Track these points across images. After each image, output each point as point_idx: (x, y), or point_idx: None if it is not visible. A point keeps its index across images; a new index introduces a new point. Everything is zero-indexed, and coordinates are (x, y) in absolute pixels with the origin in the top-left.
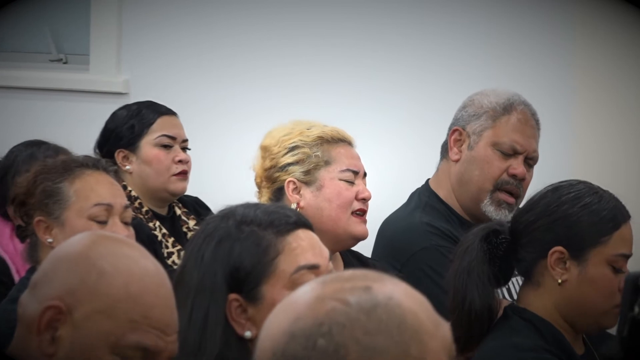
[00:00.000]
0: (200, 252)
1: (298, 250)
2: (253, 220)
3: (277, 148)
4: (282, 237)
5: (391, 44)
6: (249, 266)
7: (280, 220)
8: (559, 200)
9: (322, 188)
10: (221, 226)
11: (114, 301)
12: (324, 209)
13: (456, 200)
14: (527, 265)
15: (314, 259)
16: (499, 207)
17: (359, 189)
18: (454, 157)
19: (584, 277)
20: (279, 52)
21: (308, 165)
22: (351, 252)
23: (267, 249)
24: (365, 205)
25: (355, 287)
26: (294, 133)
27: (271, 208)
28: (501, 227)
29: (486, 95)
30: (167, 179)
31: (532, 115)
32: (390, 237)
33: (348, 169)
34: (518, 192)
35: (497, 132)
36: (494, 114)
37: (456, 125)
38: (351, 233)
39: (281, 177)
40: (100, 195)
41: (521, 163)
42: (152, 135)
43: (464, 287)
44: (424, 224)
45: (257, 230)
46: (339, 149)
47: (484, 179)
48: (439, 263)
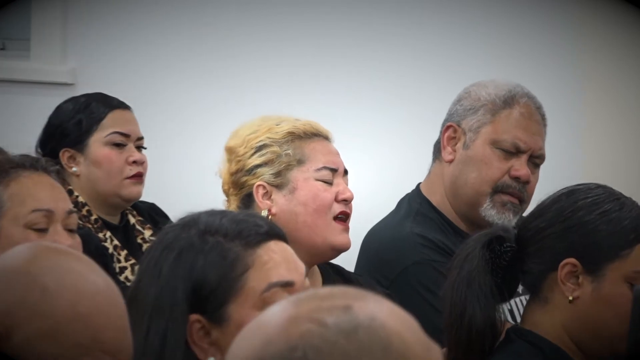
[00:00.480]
0: (157, 266)
1: (270, 264)
2: (218, 229)
3: (243, 149)
4: (252, 250)
5: (390, 44)
6: (214, 282)
7: (250, 230)
8: (575, 206)
9: (295, 190)
10: (182, 236)
11: (59, 322)
12: (299, 215)
13: (451, 207)
14: (535, 279)
15: (288, 275)
16: (502, 209)
17: (339, 189)
18: (448, 158)
19: (599, 295)
20: (257, 39)
21: (278, 166)
22: (331, 265)
23: (235, 263)
24: (347, 207)
25: (333, 306)
26: (261, 130)
27: (239, 216)
28: (506, 234)
29: (484, 86)
30: (119, 183)
31: (537, 108)
32: (376, 250)
33: (325, 167)
34: (521, 196)
35: (497, 128)
36: (493, 107)
37: (450, 121)
38: (331, 243)
39: (249, 182)
40: (39, 199)
41: (525, 163)
42: (103, 133)
43: (463, 299)
44: (415, 235)
45: (223, 242)
46: (313, 145)
47: (481, 182)
48: (431, 280)
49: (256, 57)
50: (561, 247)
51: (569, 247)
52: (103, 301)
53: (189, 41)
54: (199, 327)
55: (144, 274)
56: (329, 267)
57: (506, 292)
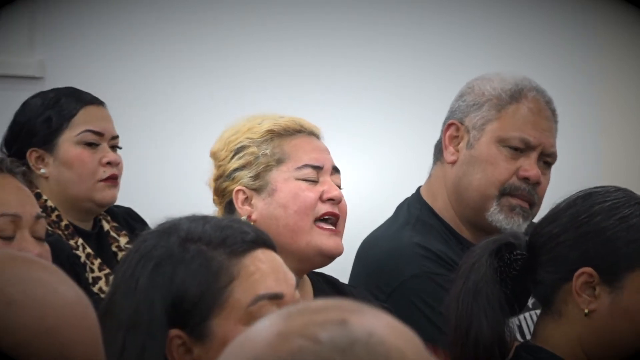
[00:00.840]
0: (134, 276)
1: (257, 275)
2: (201, 237)
3: (224, 152)
4: (237, 259)
5: (391, 43)
6: (195, 295)
7: (235, 237)
8: (591, 210)
9: (274, 192)
10: (161, 244)
11: (25, 337)
12: (279, 218)
13: (454, 213)
14: (547, 290)
15: (276, 287)
16: (511, 213)
17: (324, 187)
18: (450, 159)
19: (617, 308)
20: (249, 33)
21: (256, 168)
22: (324, 276)
23: (218, 274)
24: (336, 208)
25: (327, 320)
26: (241, 131)
27: (224, 222)
28: (516, 241)
29: (489, 80)
30: (92, 186)
31: (547, 103)
32: (372, 261)
33: (307, 165)
34: (532, 199)
35: (504, 124)
36: (499, 102)
37: (452, 118)
38: (317, 247)
39: (229, 187)
40: (4, 203)
41: (535, 162)
42: (74, 131)
43: (469, 312)
44: (414, 245)
45: (206, 250)
46: (295, 142)
47: (487, 184)
48: (432, 294)
49: (251, 52)
50: (576, 255)
51: (584, 255)
52: (73, 314)
53: (170, 30)
54: (180, 344)
55: (119, 285)
56: (320, 278)
57: (516, 305)
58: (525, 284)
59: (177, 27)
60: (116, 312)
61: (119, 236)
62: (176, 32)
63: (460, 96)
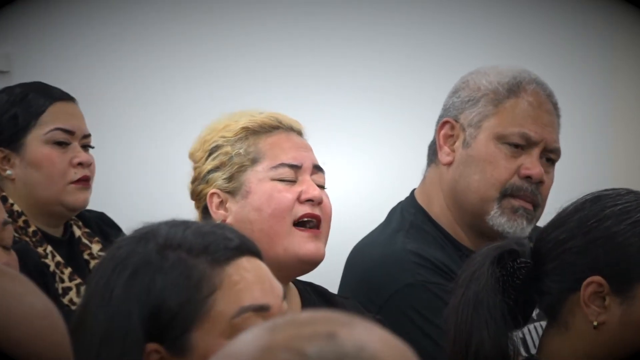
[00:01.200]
0: (108, 286)
1: (241, 285)
2: (181, 243)
3: (199, 153)
4: (220, 268)
5: (391, 43)
6: (175, 306)
7: (218, 244)
8: (601, 214)
9: (248, 194)
10: (137, 251)
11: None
12: (254, 222)
13: (452, 218)
14: (553, 300)
15: (262, 298)
16: (513, 216)
17: (303, 187)
18: (445, 160)
19: (629, 320)
20: (245, 32)
21: (230, 169)
22: (313, 286)
23: (200, 284)
24: (315, 209)
25: (315, 333)
26: (216, 129)
27: (205, 228)
28: (520, 247)
29: (484, 74)
30: (62, 188)
31: (548, 96)
32: (363, 270)
33: (283, 164)
34: (535, 199)
35: (502, 120)
36: (496, 97)
37: (446, 116)
38: (295, 253)
39: (204, 191)
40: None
41: (537, 159)
42: (42, 129)
43: (469, 324)
44: (408, 253)
45: (187, 258)
46: (270, 139)
47: (486, 185)
48: (428, 305)
49: (249, 51)
50: (584, 263)
51: (593, 263)
52: (41, 326)
53: (142, 23)
54: (157, 359)
55: (92, 296)
56: (309, 288)
57: (520, 317)
58: (529, 294)
59: (150, 19)
60: (89, 325)
61: (91, 243)
62: (149, 24)
63: (454, 92)
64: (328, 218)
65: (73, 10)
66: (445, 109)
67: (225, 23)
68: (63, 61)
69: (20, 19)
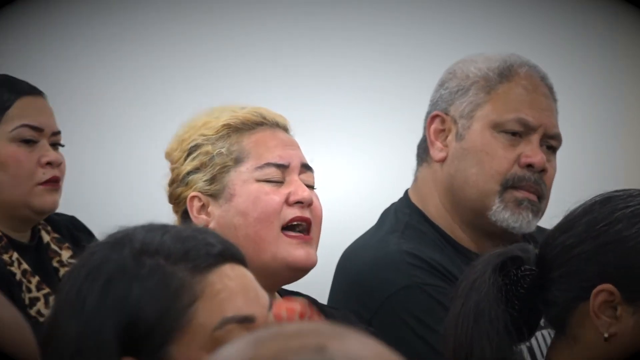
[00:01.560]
0: (80, 295)
1: (224, 294)
2: (159, 249)
3: (177, 153)
4: (201, 276)
5: (391, 43)
6: (152, 317)
7: (199, 250)
8: (611, 217)
9: (232, 197)
10: (112, 258)
11: None
12: (238, 228)
13: (450, 219)
14: (561, 311)
15: (247, 308)
16: (518, 209)
17: (291, 188)
18: (438, 156)
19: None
20: (244, 32)
21: (212, 170)
22: (300, 296)
23: (179, 293)
24: (305, 212)
25: (303, 346)
26: (196, 127)
27: (186, 232)
28: (524, 254)
29: (472, 61)
30: (29, 190)
31: (542, 79)
32: (356, 273)
33: (269, 163)
34: (539, 190)
35: (496, 107)
36: (487, 83)
37: (435, 109)
38: (283, 259)
39: (184, 194)
40: None
41: (537, 146)
42: (8, 126)
43: (470, 338)
44: (403, 254)
45: (165, 265)
46: (255, 137)
47: (485, 178)
48: (425, 309)
49: (247, 50)
50: (594, 270)
51: (603, 270)
52: (9, 338)
53: (111, 14)
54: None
55: (62, 306)
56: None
57: (525, 329)
58: (535, 304)
59: (121, 12)
60: (59, 338)
61: (61, 249)
62: (120, 16)
63: (440, 85)
64: (319, 221)
65: (65, 10)
66: (433, 103)
67: (225, 23)
68: (30, 52)
69: (18, 19)
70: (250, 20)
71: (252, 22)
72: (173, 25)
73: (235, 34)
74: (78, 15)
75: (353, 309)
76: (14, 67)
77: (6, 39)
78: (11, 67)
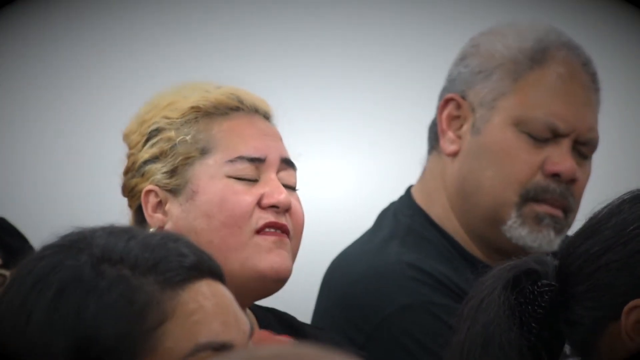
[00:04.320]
0: (24, 309)
1: (198, 315)
2: (124, 257)
3: (136, 137)
4: (173, 292)
5: (392, 43)
6: (111, 338)
7: (170, 261)
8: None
9: (195, 195)
10: (65, 264)
11: None
12: (200, 233)
13: (458, 224)
14: (587, 333)
15: (224, 333)
16: (538, 227)
17: (266, 189)
18: (449, 149)
19: None
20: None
21: (173, 160)
22: (276, 314)
23: (145, 311)
24: (281, 217)
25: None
26: (159, 107)
27: (155, 239)
28: (541, 267)
29: (501, 35)
30: None
31: (584, 65)
32: (347, 287)
33: (241, 157)
34: (566, 204)
35: (523, 99)
36: (516, 67)
37: (451, 91)
38: (252, 266)
39: (139, 186)
40: None
41: (568, 152)
42: None
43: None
44: (405, 266)
45: (130, 277)
46: (227, 124)
47: (503, 185)
48: (430, 333)
49: (238, 45)
50: (625, 282)
51: (636, 282)
52: None
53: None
54: None
55: (2, 322)
56: (270, 315)
57: (545, 356)
58: (556, 327)
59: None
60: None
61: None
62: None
63: (461, 59)
64: (299, 230)
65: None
66: (450, 81)
67: (224, 24)
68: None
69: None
70: (250, 21)
71: (252, 22)
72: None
73: (234, 34)
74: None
75: (343, 331)
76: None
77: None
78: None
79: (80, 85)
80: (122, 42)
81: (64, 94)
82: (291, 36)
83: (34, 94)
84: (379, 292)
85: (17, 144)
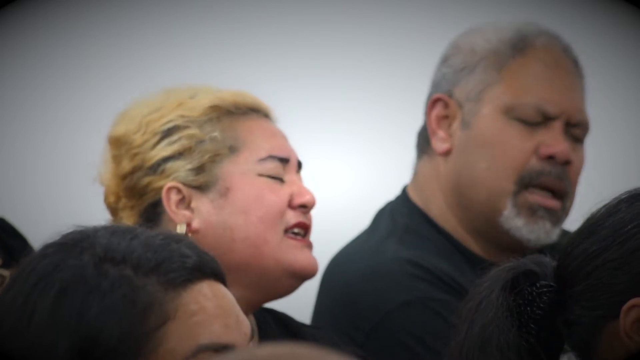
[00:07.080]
0: (27, 307)
1: (200, 317)
2: (126, 257)
3: (140, 136)
4: (175, 293)
5: (392, 43)
6: (113, 337)
7: (173, 262)
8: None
9: (228, 192)
10: (68, 264)
11: None
12: (235, 229)
13: (457, 222)
14: (585, 332)
15: (225, 335)
16: (533, 218)
17: (294, 189)
18: (441, 148)
19: None
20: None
21: (200, 157)
22: (273, 314)
23: (148, 311)
24: (306, 217)
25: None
26: (167, 107)
27: (157, 239)
28: (539, 268)
29: (480, 32)
30: None
31: (564, 50)
32: (345, 286)
33: (271, 156)
34: (562, 186)
35: (510, 87)
36: (498, 58)
37: (437, 92)
38: (288, 266)
39: (154, 184)
40: None
41: (561, 134)
42: None
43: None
44: (403, 262)
45: (132, 277)
46: (250, 125)
47: (497, 174)
48: (430, 330)
49: (238, 45)
50: (623, 281)
51: (634, 281)
52: None
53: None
54: None
55: (3, 320)
56: (268, 316)
57: (544, 357)
58: (555, 327)
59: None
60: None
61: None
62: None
63: (443, 61)
64: (310, 228)
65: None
66: (435, 84)
67: (224, 23)
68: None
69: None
70: (250, 21)
71: (252, 23)
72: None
73: (234, 34)
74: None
75: (343, 330)
76: None
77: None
78: None
79: (81, 86)
80: (124, 42)
81: (64, 94)
82: (291, 37)
83: (34, 94)
84: (378, 290)
85: (17, 144)
